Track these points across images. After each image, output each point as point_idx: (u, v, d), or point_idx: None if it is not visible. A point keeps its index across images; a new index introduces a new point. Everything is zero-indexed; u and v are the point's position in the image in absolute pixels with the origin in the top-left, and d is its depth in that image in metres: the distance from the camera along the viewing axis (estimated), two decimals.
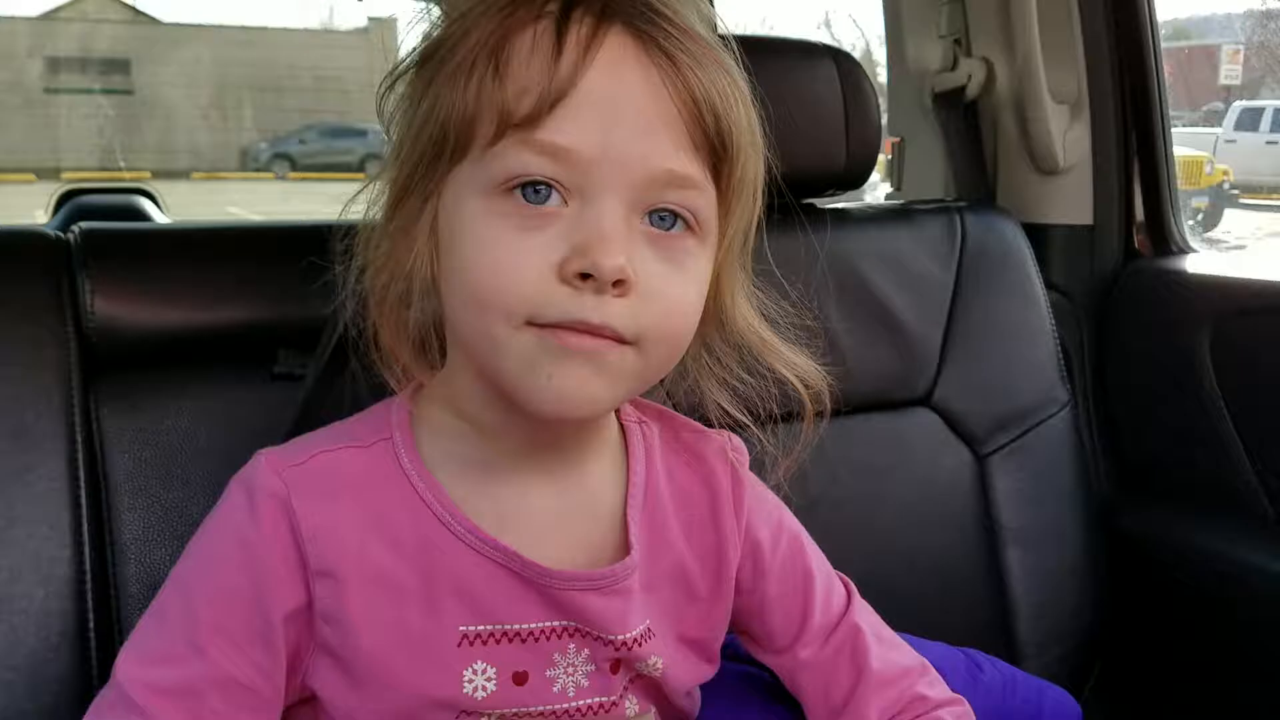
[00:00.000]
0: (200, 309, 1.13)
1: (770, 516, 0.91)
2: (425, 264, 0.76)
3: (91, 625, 1.03)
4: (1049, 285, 1.54)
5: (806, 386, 0.87)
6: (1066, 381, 1.52)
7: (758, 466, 0.92)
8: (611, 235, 0.69)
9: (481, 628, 0.78)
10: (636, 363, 0.73)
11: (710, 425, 0.90)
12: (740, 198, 0.78)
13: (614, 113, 0.70)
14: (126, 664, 0.75)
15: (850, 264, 1.41)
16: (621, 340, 0.71)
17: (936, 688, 0.92)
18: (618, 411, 0.87)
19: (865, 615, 0.92)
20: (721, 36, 0.79)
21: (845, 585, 0.94)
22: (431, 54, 0.76)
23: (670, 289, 0.73)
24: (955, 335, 1.45)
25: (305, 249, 0.89)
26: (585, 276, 0.69)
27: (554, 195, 0.70)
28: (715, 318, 0.83)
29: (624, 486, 0.84)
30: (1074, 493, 1.50)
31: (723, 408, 0.88)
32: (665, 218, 0.73)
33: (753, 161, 0.78)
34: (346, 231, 0.82)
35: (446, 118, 0.73)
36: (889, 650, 0.91)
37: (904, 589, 1.37)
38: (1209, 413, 1.48)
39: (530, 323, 0.70)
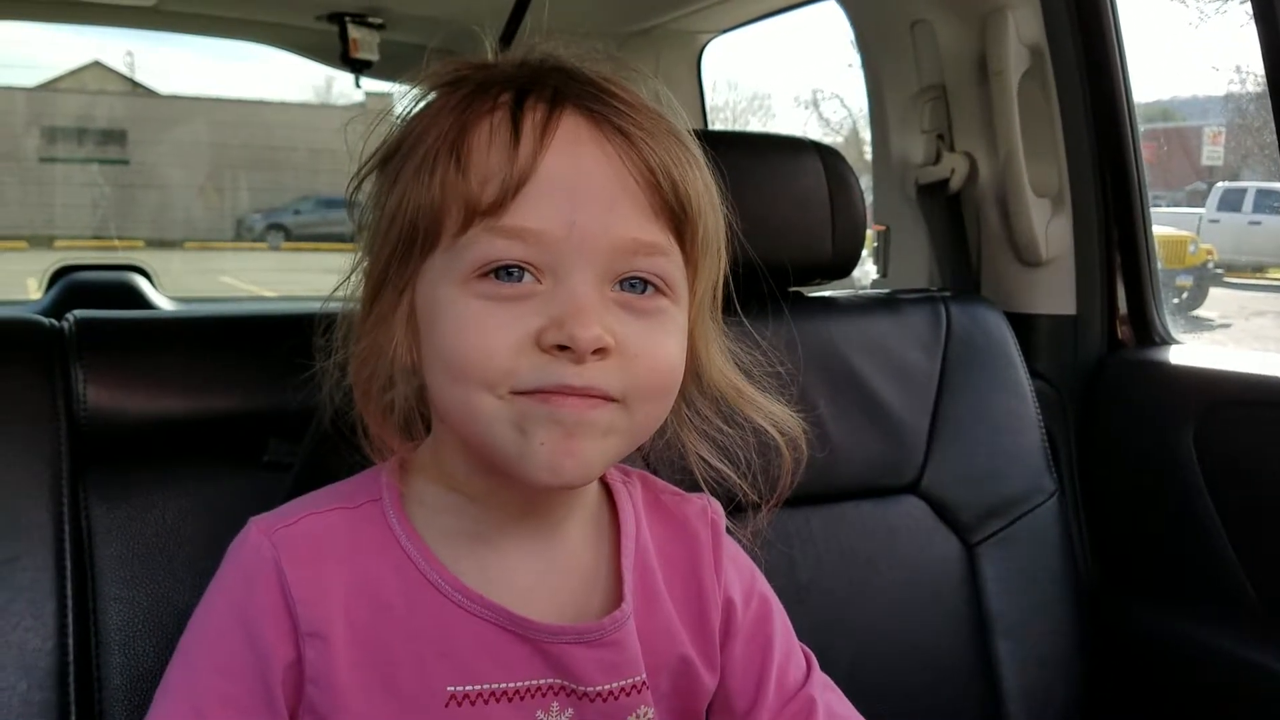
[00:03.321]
0: (191, 398, 1.14)
1: (743, 578, 0.92)
2: (405, 351, 0.78)
3: (73, 717, 1.02)
4: (1034, 374, 1.56)
5: (782, 434, 0.89)
6: (1053, 470, 1.53)
7: (738, 513, 0.93)
8: (586, 307, 0.72)
9: (469, 687, 0.78)
10: (624, 420, 0.75)
11: (691, 476, 0.91)
12: (705, 255, 0.81)
13: (576, 192, 0.73)
14: None
15: (837, 352, 1.43)
16: (609, 398, 0.73)
17: None
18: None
19: (823, 690, 0.92)
20: (704, 138, 0.82)
21: (806, 657, 0.94)
22: (394, 151, 0.79)
23: (652, 347, 0.75)
24: (942, 423, 1.47)
25: (296, 336, 0.91)
26: (563, 348, 0.71)
27: (526, 275, 0.73)
28: (692, 371, 0.84)
29: (609, 544, 0.86)
30: (1062, 582, 1.50)
31: (703, 459, 0.89)
32: (636, 284, 0.75)
33: (713, 220, 0.81)
34: (327, 326, 0.85)
35: (414, 213, 0.75)
36: None
37: (894, 678, 1.37)
38: (1194, 502, 1.48)
39: (514, 391, 0.72)
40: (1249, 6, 1.32)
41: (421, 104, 0.80)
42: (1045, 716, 1.44)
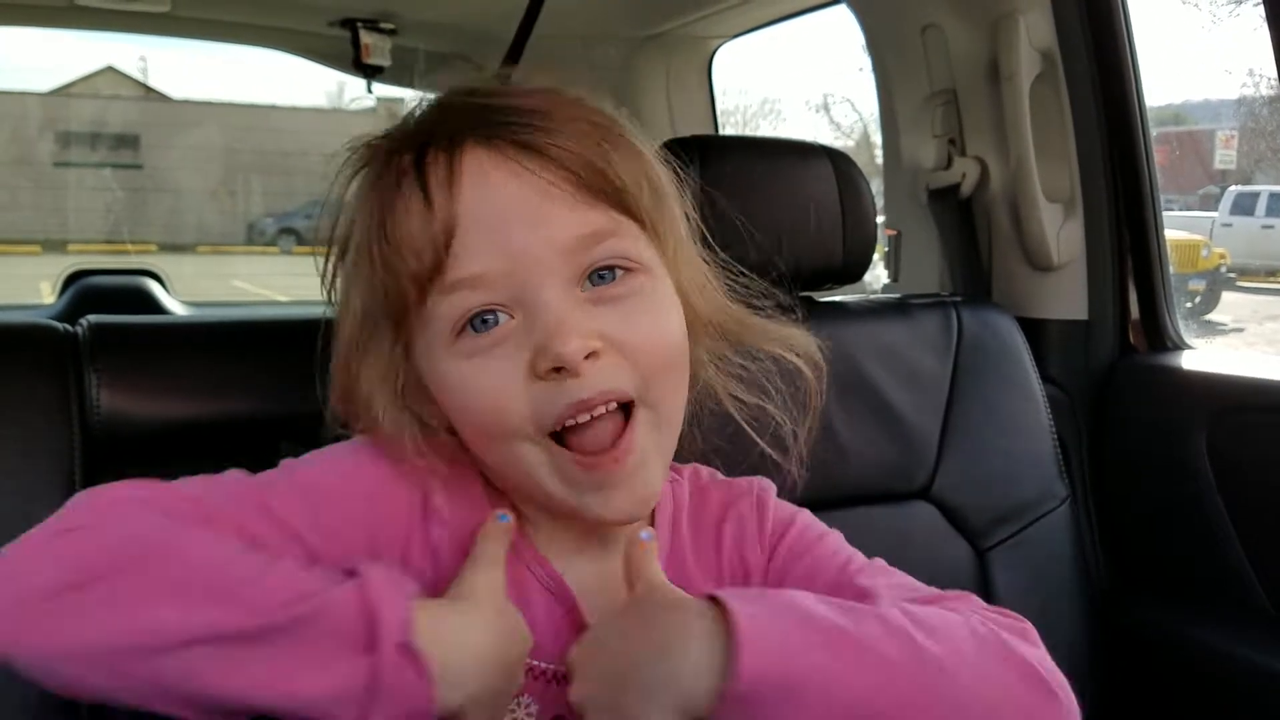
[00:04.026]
0: (204, 402, 1.15)
1: (788, 534, 0.89)
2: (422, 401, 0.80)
3: None
4: (1045, 379, 1.56)
5: (798, 354, 0.89)
6: (1065, 476, 1.53)
7: (778, 445, 0.94)
8: (560, 321, 0.73)
9: (538, 663, 0.79)
10: (650, 418, 0.77)
11: (730, 417, 0.91)
12: (661, 211, 0.81)
13: (501, 220, 0.74)
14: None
15: (848, 357, 1.43)
16: (625, 398, 0.74)
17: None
18: None
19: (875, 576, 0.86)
20: (715, 143, 0.82)
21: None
22: (344, 251, 0.81)
23: (644, 329, 0.76)
24: (953, 429, 1.46)
25: (308, 341, 0.91)
26: (557, 369, 0.72)
27: (499, 316, 0.74)
28: (695, 318, 0.84)
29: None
30: (1073, 587, 1.50)
31: (737, 397, 0.90)
32: (605, 274, 0.76)
33: (654, 169, 0.81)
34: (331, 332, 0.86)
35: (375, 307, 0.78)
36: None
37: None
38: (1205, 507, 1.48)
39: (547, 433, 0.74)
40: (1262, 10, 1.32)
41: (352, 191, 0.81)
42: None
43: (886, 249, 1.98)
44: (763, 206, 1.38)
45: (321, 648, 0.65)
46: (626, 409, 0.76)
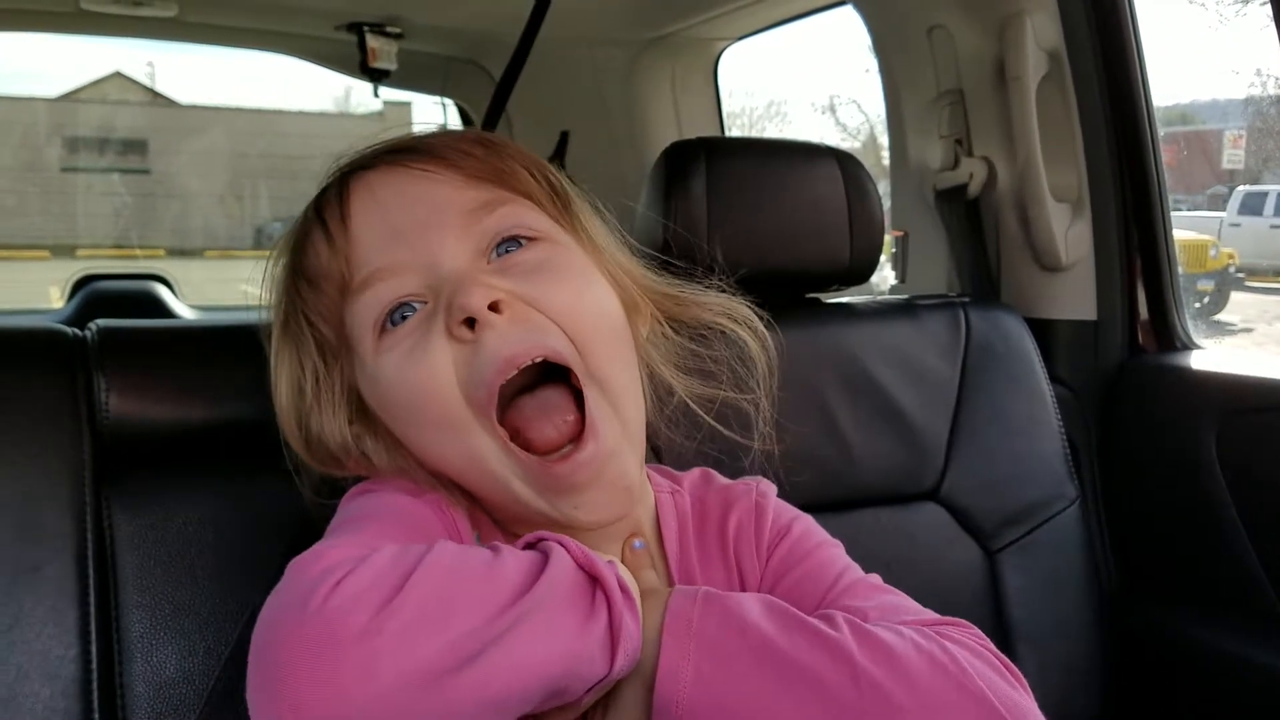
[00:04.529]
0: (213, 406, 1.15)
1: (787, 537, 0.89)
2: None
3: None
4: (1054, 380, 1.56)
5: (738, 322, 0.90)
6: (1074, 476, 1.52)
7: (743, 427, 0.94)
8: (463, 276, 0.75)
9: None
10: (600, 394, 0.76)
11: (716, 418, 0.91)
12: (568, 204, 0.83)
13: (393, 215, 0.78)
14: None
15: (855, 358, 1.43)
16: (561, 361, 0.74)
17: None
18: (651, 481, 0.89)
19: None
20: (722, 145, 0.85)
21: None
22: (275, 324, 0.85)
23: (558, 289, 0.77)
24: (961, 430, 1.46)
25: None
26: (468, 324, 0.73)
27: (413, 304, 0.76)
28: (622, 294, 0.85)
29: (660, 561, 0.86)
30: (1084, 589, 1.50)
31: (688, 387, 0.90)
32: (509, 245, 0.78)
33: (554, 174, 0.84)
34: None
35: (308, 355, 0.81)
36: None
37: None
38: (1216, 508, 1.47)
39: (482, 409, 0.74)
40: (1269, 9, 1.31)
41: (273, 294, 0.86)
42: None
43: (894, 250, 1.98)
44: (769, 208, 1.38)
45: (572, 607, 0.66)
46: (579, 398, 0.76)
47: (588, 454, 0.75)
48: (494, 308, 0.73)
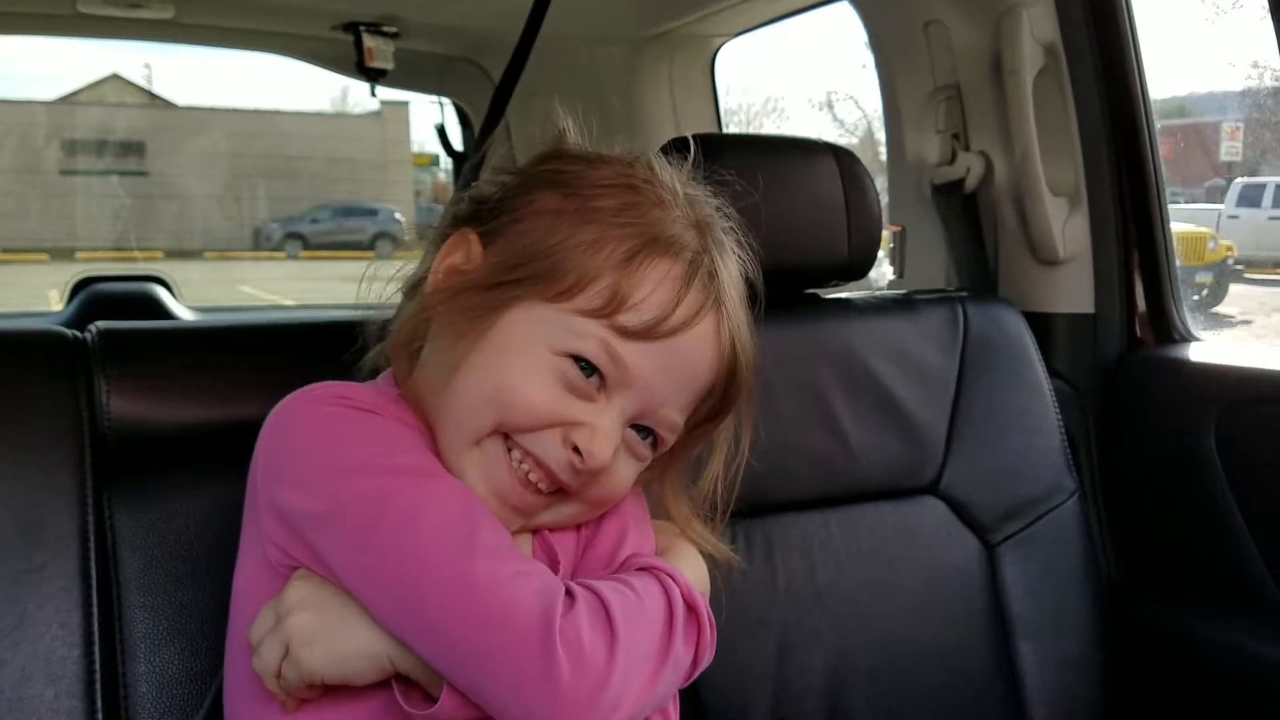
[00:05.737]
0: (213, 406, 1.15)
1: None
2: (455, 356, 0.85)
3: None
4: (1053, 373, 1.56)
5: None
6: (1073, 470, 1.53)
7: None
8: (609, 434, 0.83)
9: None
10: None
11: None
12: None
13: (677, 369, 0.85)
14: None
15: (854, 353, 1.43)
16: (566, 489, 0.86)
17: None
18: None
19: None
20: (719, 141, 0.90)
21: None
22: (571, 186, 0.87)
23: (622, 474, 0.87)
24: (960, 424, 1.46)
25: (315, 344, 0.91)
26: (575, 450, 0.82)
27: (596, 377, 0.83)
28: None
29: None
30: (1084, 582, 1.50)
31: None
32: (646, 434, 0.87)
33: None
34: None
35: (560, 263, 0.83)
36: None
37: (915, 680, 1.37)
38: (1216, 500, 1.47)
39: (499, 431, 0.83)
40: (1265, 1, 1.32)
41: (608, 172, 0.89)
42: (1068, 718, 1.43)
43: (892, 245, 1.98)
44: (767, 204, 1.38)
45: (687, 642, 0.83)
46: None
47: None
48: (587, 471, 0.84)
